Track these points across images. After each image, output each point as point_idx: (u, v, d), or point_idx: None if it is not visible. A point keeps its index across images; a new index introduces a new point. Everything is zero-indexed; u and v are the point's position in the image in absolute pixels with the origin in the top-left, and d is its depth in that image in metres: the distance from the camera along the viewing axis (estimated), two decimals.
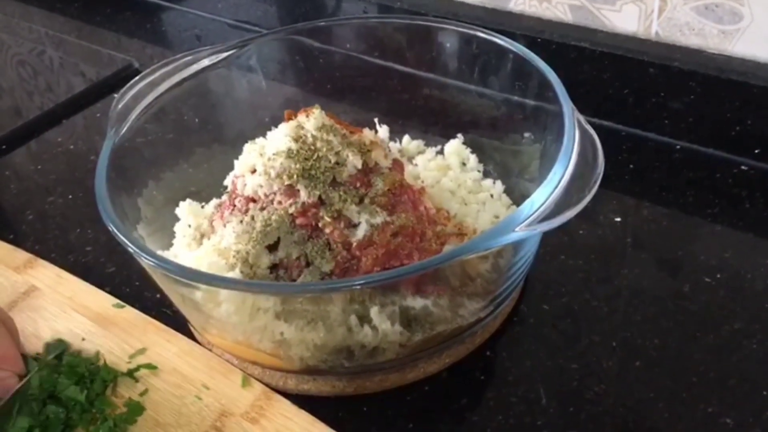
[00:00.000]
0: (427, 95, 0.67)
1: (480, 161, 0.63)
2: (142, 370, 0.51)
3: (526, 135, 0.59)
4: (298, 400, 0.49)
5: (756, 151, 0.65)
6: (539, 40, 0.72)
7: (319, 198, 0.49)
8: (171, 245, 0.57)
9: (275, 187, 0.50)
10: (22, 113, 0.90)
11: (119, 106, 0.56)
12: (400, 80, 0.68)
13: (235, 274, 0.49)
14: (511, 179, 0.61)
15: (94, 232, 0.66)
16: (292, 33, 0.66)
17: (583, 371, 0.50)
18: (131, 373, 0.51)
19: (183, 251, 0.55)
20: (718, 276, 0.55)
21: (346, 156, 0.50)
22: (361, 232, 0.48)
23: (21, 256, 0.62)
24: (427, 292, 0.47)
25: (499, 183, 0.61)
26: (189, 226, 0.57)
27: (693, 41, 0.68)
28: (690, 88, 0.67)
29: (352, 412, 0.49)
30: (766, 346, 0.50)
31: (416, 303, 0.47)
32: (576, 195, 0.43)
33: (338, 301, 0.46)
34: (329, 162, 0.49)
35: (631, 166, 0.67)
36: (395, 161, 0.54)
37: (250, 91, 0.68)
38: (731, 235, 0.59)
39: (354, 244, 0.48)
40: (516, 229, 0.42)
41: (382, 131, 0.64)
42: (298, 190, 0.49)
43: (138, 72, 0.61)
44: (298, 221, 0.49)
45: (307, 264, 0.49)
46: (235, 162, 0.55)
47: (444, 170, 0.62)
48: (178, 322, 0.55)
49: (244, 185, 0.52)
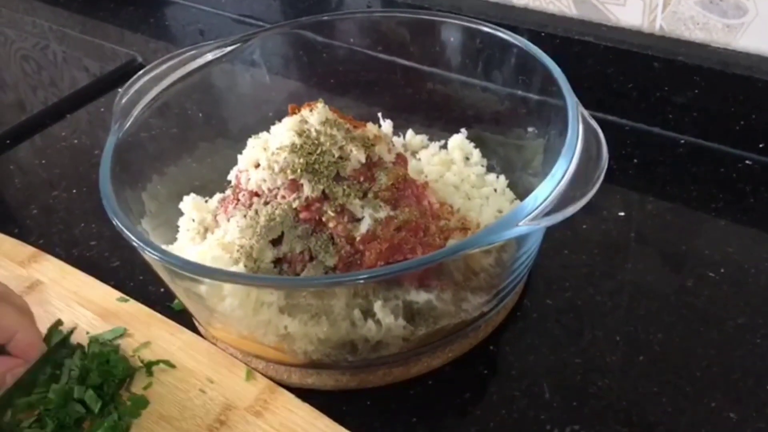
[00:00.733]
0: (430, 90, 0.67)
1: (483, 156, 0.63)
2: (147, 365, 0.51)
3: (530, 129, 0.59)
4: (301, 393, 0.49)
5: (760, 146, 0.65)
6: (543, 35, 0.72)
7: (322, 192, 0.49)
8: (175, 239, 0.57)
9: (279, 182, 0.50)
10: (26, 108, 0.90)
11: (123, 101, 0.56)
12: (404, 75, 0.68)
13: (239, 269, 0.49)
14: (514, 174, 0.60)
15: (98, 227, 0.66)
16: (296, 27, 0.66)
17: (587, 366, 0.50)
18: (149, 368, 0.51)
19: (187, 245, 0.55)
20: (721, 271, 0.55)
21: (350, 150, 0.50)
22: (364, 226, 0.48)
23: (26, 250, 0.62)
24: (431, 287, 0.47)
25: (502, 177, 0.61)
26: (193, 220, 0.57)
27: (697, 35, 0.68)
28: (694, 83, 0.66)
29: (356, 406, 0.49)
30: None
31: (420, 297, 0.47)
32: (580, 189, 0.43)
33: (342, 296, 0.46)
34: (333, 156, 0.49)
35: (635, 161, 0.67)
36: (399, 156, 0.54)
37: (253, 85, 0.68)
38: (735, 229, 0.59)
39: (357, 239, 0.48)
40: (519, 224, 0.42)
41: (386, 126, 0.64)
42: (301, 185, 0.49)
43: (142, 67, 0.61)
44: (301, 216, 0.49)
45: (311, 258, 0.49)
46: (239, 156, 0.55)
47: (447, 165, 0.62)
48: (182, 317, 0.55)
49: (248, 180, 0.52)
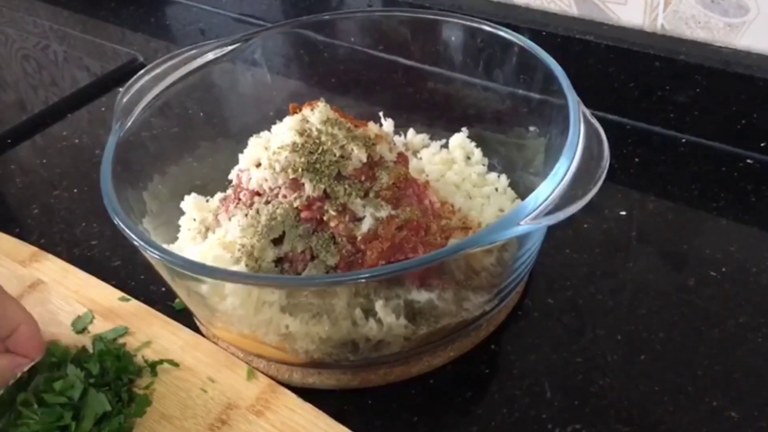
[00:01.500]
0: (431, 89, 0.67)
1: (485, 155, 0.63)
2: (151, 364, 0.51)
3: (531, 128, 0.59)
4: (303, 393, 0.49)
5: (762, 145, 0.65)
6: (544, 33, 0.72)
7: (324, 191, 0.49)
8: (176, 239, 0.57)
9: (280, 181, 0.50)
10: (27, 107, 0.90)
11: (124, 100, 0.56)
12: (405, 74, 0.68)
13: (240, 268, 0.49)
14: (515, 173, 0.60)
15: (99, 226, 0.66)
16: (297, 26, 0.66)
17: (588, 365, 0.50)
18: (153, 368, 0.51)
19: (188, 245, 0.55)
20: (723, 270, 0.55)
21: (351, 149, 0.50)
22: (365, 225, 0.48)
23: (27, 249, 0.62)
24: (432, 286, 0.47)
25: (503, 177, 0.61)
26: (194, 219, 0.57)
27: (699, 34, 0.68)
28: (696, 82, 0.66)
29: (357, 405, 0.49)
30: None
31: (421, 296, 0.47)
32: (581, 189, 0.43)
33: (343, 295, 0.46)
34: (334, 155, 0.49)
35: (637, 160, 0.67)
36: (400, 155, 0.54)
37: (254, 84, 0.68)
38: (737, 228, 0.59)
39: (359, 238, 0.48)
40: (521, 223, 0.42)
41: (387, 125, 0.64)
42: (302, 184, 0.49)
43: (143, 66, 0.61)
44: (303, 215, 0.49)
45: (312, 257, 0.49)
46: (240, 156, 0.55)
47: (449, 164, 0.62)
48: (183, 316, 0.55)
49: (249, 179, 0.52)
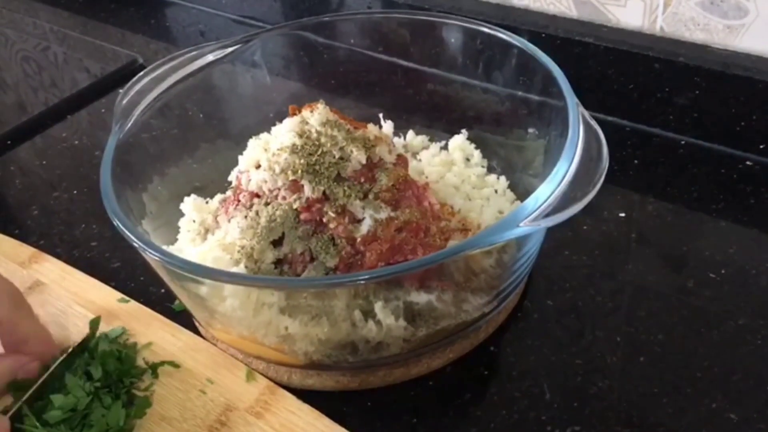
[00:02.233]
0: (431, 90, 0.67)
1: (484, 156, 0.63)
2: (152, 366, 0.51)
3: (531, 130, 0.59)
4: (302, 394, 0.49)
5: (761, 147, 0.65)
6: (544, 35, 0.72)
7: (323, 193, 0.49)
8: (176, 240, 0.57)
9: (280, 183, 0.50)
10: (27, 109, 0.90)
11: (124, 102, 0.56)
12: (405, 75, 0.68)
13: (239, 269, 0.49)
14: (515, 174, 0.60)
15: (99, 227, 0.67)
16: (297, 28, 0.66)
17: (588, 366, 0.50)
18: (153, 369, 0.51)
19: (188, 246, 0.55)
20: (722, 271, 0.55)
21: (351, 151, 0.50)
22: (365, 227, 0.48)
23: (26, 250, 0.62)
24: (432, 288, 0.47)
25: (503, 178, 0.61)
26: (194, 221, 0.57)
27: (698, 36, 0.68)
28: (695, 84, 0.66)
29: (357, 407, 0.49)
30: None
31: (420, 298, 0.47)
32: (580, 190, 0.43)
33: (342, 296, 0.46)
34: (333, 157, 0.49)
35: (636, 162, 0.67)
36: (399, 156, 0.54)
37: (254, 86, 0.68)
38: (736, 230, 0.59)
39: (358, 239, 0.48)
40: (520, 225, 0.42)
41: (387, 126, 0.64)
42: (302, 186, 0.49)
43: (142, 67, 0.61)
44: (302, 216, 0.49)
45: (312, 259, 0.49)
46: (240, 157, 0.55)
47: (448, 165, 0.62)
48: (182, 317, 0.55)
49: (249, 180, 0.52)
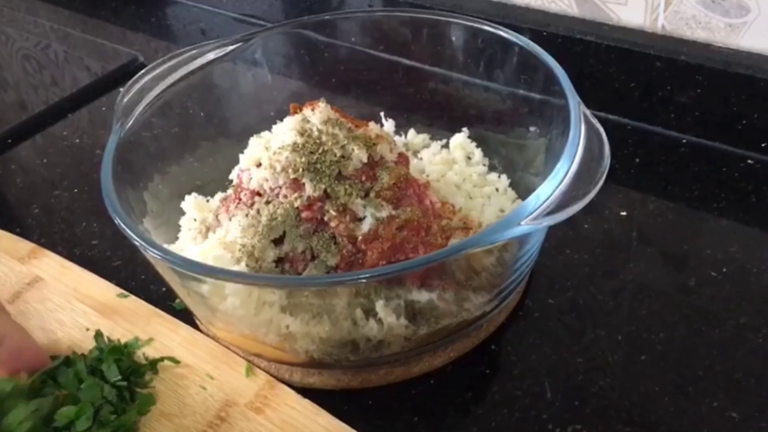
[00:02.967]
0: (432, 89, 0.67)
1: (485, 155, 0.63)
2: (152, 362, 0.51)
3: (532, 129, 0.59)
4: (303, 393, 0.49)
5: (762, 145, 0.65)
6: (545, 34, 0.72)
7: (324, 192, 0.49)
8: (176, 239, 0.57)
9: (281, 181, 0.50)
10: (28, 107, 0.90)
11: (124, 100, 0.56)
12: (406, 74, 0.68)
13: (240, 268, 0.49)
14: (516, 173, 0.60)
15: (99, 226, 0.67)
16: (297, 26, 0.66)
17: (589, 365, 0.50)
18: (153, 365, 0.51)
19: (188, 245, 0.55)
20: (724, 270, 0.55)
21: (352, 150, 0.50)
22: (366, 225, 0.48)
23: (25, 246, 0.62)
24: (433, 286, 0.47)
25: (504, 177, 0.61)
26: (194, 219, 0.57)
27: (699, 35, 0.67)
28: (696, 82, 0.66)
29: (358, 406, 0.49)
30: None
31: (421, 297, 0.47)
32: (581, 189, 0.43)
33: (343, 295, 0.46)
34: (335, 156, 0.49)
35: (637, 160, 0.67)
36: (400, 155, 0.54)
37: (255, 84, 0.68)
38: (737, 229, 0.59)
39: (359, 238, 0.48)
40: (521, 223, 0.42)
41: (388, 125, 0.64)
42: (303, 184, 0.49)
43: (143, 66, 0.61)
44: (303, 215, 0.49)
45: (313, 257, 0.49)
46: (241, 156, 0.55)
47: (449, 164, 0.62)
48: (183, 316, 0.55)
49: (250, 179, 0.52)
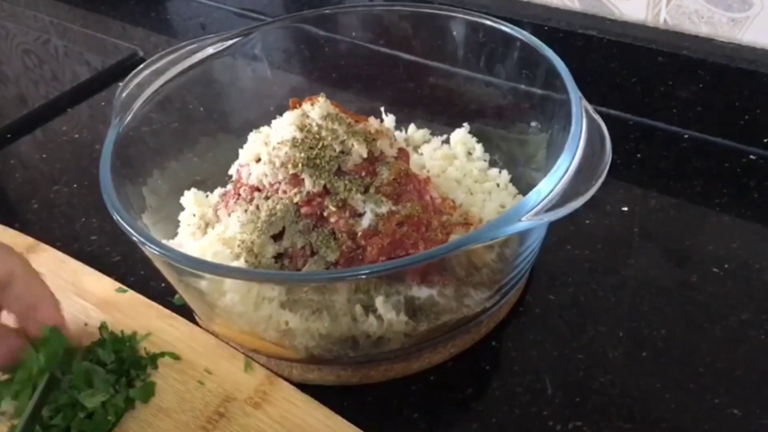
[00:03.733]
0: (433, 84, 0.67)
1: (486, 150, 0.62)
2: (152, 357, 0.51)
3: (533, 124, 0.58)
4: (303, 389, 0.49)
5: (765, 141, 0.65)
6: (546, 28, 0.72)
7: (324, 187, 0.48)
8: (176, 234, 0.57)
9: (280, 176, 0.50)
10: (28, 102, 0.90)
11: (124, 95, 0.56)
12: (406, 69, 0.68)
13: (239, 264, 0.49)
14: (517, 168, 0.60)
15: (99, 221, 0.66)
16: (297, 21, 0.65)
17: (589, 361, 0.50)
18: (153, 360, 0.51)
19: (188, 240, 0.55)
20: (725, 266, 0.55)
21: (352, 145, 0.49)
22: (366, 221, 0.48)
23: (23, 241, 0.62)
24: (433, 282, 0.47)
25: (505, 172, 0.60)
26: (194, 215, 0.57)
27: (702, 29, 0.67)
28: (699, 77, 0.66)
29: (357, 402, 0.49)
30: None
31: (421, 293, 0.47)
32: (583, 184, 0.43)
33: (343, 291, 0.46)
34: (334, 151, 0.49)
35: (639, 156, 0.66)
36: (401, 150, 0.54)
37: (255, 79, 0.67)
38: (739, 225, 0.59)
39: (359, 234, 0.48)
40: (522, 219, 0.41)
41: (388, 120, 0.64)
42: (303, 179, 0.49)
43: (143, 60, 0.61)
44: (303, 210, 0.49)
45: (312, 253, 0.49)
46: (240, 151, 0.55)
47: (450, 159, 0.61)
48: (182, 312, 0.55)
49: (249, 174, 0.52)
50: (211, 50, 0.61)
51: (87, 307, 0.55)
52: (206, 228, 0.56)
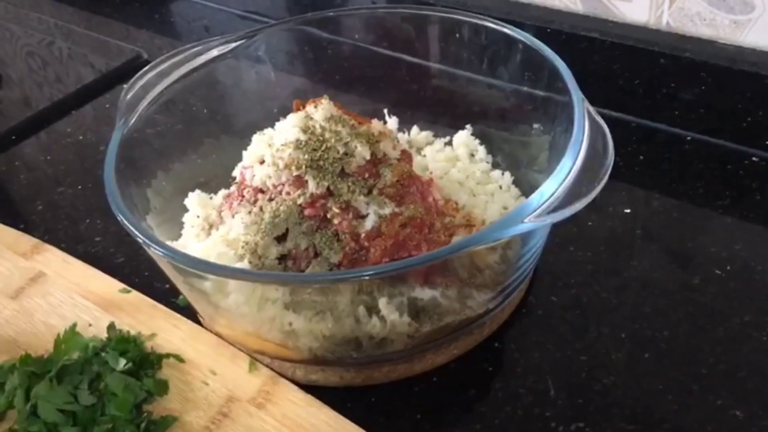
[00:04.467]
0: (435, 86, 0.67)
1: (489, 152, 0.62)
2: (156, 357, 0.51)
3: (536, 126, 0.58)
4: (306, 390, 0.49)
5: (767, 142, 0.65)
6: (549, 30, 0.72)
7: (327, 189, 0.48)
8: (180, 236, 0.57)
9: (283, 178, 0.50)
10: (32, 104, 0.90)
11: (128, 97, 0.56)
12: (409, 71, 0.68)
13: (243, 265, 0.49)
14: (520, 170, 0.60)
15: (103, 223, 0.67)
16: (301, 23, 0.65)
17: (592, 363, 0.50)
18: (158, 361, 0.51)
19: (191, 242, 0.55)
20: (728, 268, 0.55)
21: (355, 147, 0.50)
22: (369, 222, 0.48)
23: (28, 241, 0.62)
24: (436, 283, 0.47)
25: (507, 174, 0.60)
26: (198, 216, 0.57)
27: (704, 31, 0.67)
28: (701, 79, 0.66)
29: (360, 403, 0.49)
30: None
31: (424, 294, 0.47)
32: (585, 186, 0.43)
33: (346, 292, 0.46)
34: (337, 153, 0.49)
35: (641, 158, 0.66)
36: (404, 152, 0.54)
37: (258, 81, 0.67)
38: (742, 226, 0.59)
39: (362, 235, 0.48)
40: (525, 221, 0.42)
41: (391, 122, 0.64)
42: (306, 181, 0.49)
43: (147, 62, 0.61)
44: (306, 212, 0.49)
45: (316, 255, 0.49)
46: (244, 153, 0.55)
47: (453, 161, 0.61)
48: (186, 313, 0.55)
49: (253, 176, 0.52)
50: (214, 52, 0.61)
51: (91, 307, 0.55)
52: (210, 229, 0.56)
